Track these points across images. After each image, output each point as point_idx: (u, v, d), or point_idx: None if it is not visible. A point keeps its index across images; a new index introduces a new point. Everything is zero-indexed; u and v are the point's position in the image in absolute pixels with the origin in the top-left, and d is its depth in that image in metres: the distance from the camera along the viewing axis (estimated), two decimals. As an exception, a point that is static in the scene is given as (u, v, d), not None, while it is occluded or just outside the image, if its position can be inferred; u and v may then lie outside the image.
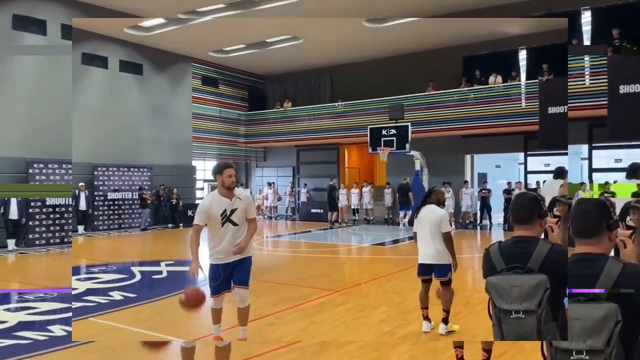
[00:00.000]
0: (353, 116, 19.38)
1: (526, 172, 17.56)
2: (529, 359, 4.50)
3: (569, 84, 13.51)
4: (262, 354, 4.73)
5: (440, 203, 5.51)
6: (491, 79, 16.84)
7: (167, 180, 18.29)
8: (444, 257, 5.29)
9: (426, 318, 5.47)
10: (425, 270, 5.43)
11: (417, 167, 17.78)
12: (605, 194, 9.25)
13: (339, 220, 18.76)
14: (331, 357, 4.70)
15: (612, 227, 1.83)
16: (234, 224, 4.51)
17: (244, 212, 4.55)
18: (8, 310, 6.70)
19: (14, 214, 12.70)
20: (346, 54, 19.93)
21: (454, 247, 5.33)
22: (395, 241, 14.23)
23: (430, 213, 5.34)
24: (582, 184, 14.07)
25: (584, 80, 13.81)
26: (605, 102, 12.68)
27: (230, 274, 4.56)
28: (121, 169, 17.06)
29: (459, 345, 4.45)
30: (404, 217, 17.17)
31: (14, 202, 12.71)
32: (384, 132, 17.05)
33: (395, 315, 6.18)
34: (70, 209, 14.47)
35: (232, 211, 4.49)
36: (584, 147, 15.92)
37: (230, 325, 5.07)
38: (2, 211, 12.60)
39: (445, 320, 5.33)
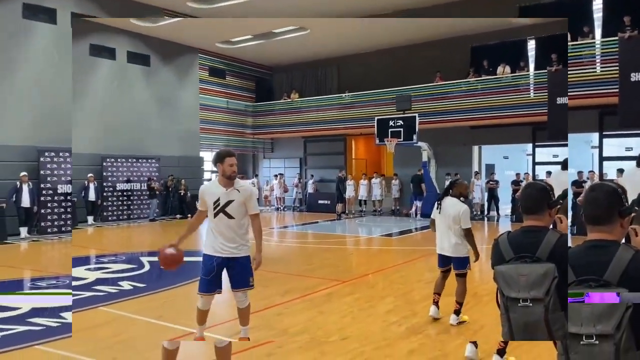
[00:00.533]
0: (360, 107, 19.33)
1: (534, 163, 17.46)
2: (540, 345, 4.50)
3: (579, 71, 13.47)
4: (271, 340, 4.78)
5: (463, 196, 5.50)
6: (499, 69, 16.70)
7: (175, 171, 18.38)
8: (461, 250, 5.34)
9: (436, 303, 5.53)
10: (445, 262, 5.51)
11: (425, 158, 17.75)
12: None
13: (346, 212, 18.79)
14: (340, 345, 4.74)
15: (624, 214, 1.83)
16: (230, 217, 4.14)
17: (242, 206, 4.17)
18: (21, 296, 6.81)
19: (26, 201, 12.84)
20: (353, 44, 19.83)
21: (475, 240, 5.39)
22: (402, 232, 14.23)
23: (451, 206, 5.36)
24: (591, 172, 14.02)
25: (595, 68, 13.69)
26: (617, 90, 12.57)
27: (225, 271, 4.21)
28: (129, 160, 17.15)
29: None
30: (416, 207, 17.21)
31: (25, 190, 12.85)
32: (391, 123, 17.01)
33: (402, 305, 6.21)
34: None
35: (228, 202, 4.13)
36: (595, 136, 15.81)
37: (231, 318, 4.92)
38: (14, 199, 12.74)
39: (457, 312, 5.37)
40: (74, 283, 7.31)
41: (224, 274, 4.28)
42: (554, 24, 15.47)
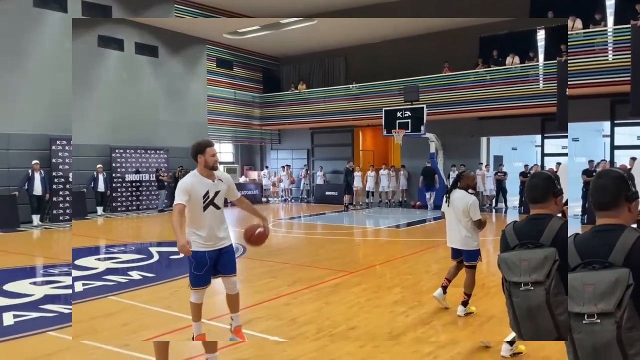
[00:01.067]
0: (368, 98, 19.27)
1: (543, 155, 17.34)
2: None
3: (591, 59, 13.41)
4: (278, 327, 4.84)
5: (470, 188, 5.51)
6: (508, 59, 16.56)
7: (183, 162, 18.40)
8: (470, 242, 5.35)
9: (443, 288, 5.58)
10: (457, 254, 5.55)
11: (432, 150, 17.69)
12: None
13: (354, 203, 18.81)
14: (347, 334, 4.78)
15: (631, 198, 1.84)
16: (217, 207, 4.15)
17: (224, 195, 4.22)
18: (34, 283, 6.95)
19: (38, 190, 13.01)
20: (360, 35, 19.74)
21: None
22: (410, 224, 14.23)
23: (459, 199, 5.37)
24: (603, 161, 13.94)
25: (607, 56, 13.55)
26: (629, 78, 12.44)
27: (216, 262, 4.18)
28: (138, 151, 17.27)
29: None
30: (430, 198, 17.25)
31: (38, 178, 13.01)
32: (398, 114, 16.96)
33: (409, 296, 6.23)
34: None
35: (216, 194, 4.13)
36: (606, 124, 15.66)
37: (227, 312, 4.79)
38: (26, 187, 12.90)
39: (465, 303, 5.40)
40: (85, 273, 7.42)
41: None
42: (564, 14, 15.31)
